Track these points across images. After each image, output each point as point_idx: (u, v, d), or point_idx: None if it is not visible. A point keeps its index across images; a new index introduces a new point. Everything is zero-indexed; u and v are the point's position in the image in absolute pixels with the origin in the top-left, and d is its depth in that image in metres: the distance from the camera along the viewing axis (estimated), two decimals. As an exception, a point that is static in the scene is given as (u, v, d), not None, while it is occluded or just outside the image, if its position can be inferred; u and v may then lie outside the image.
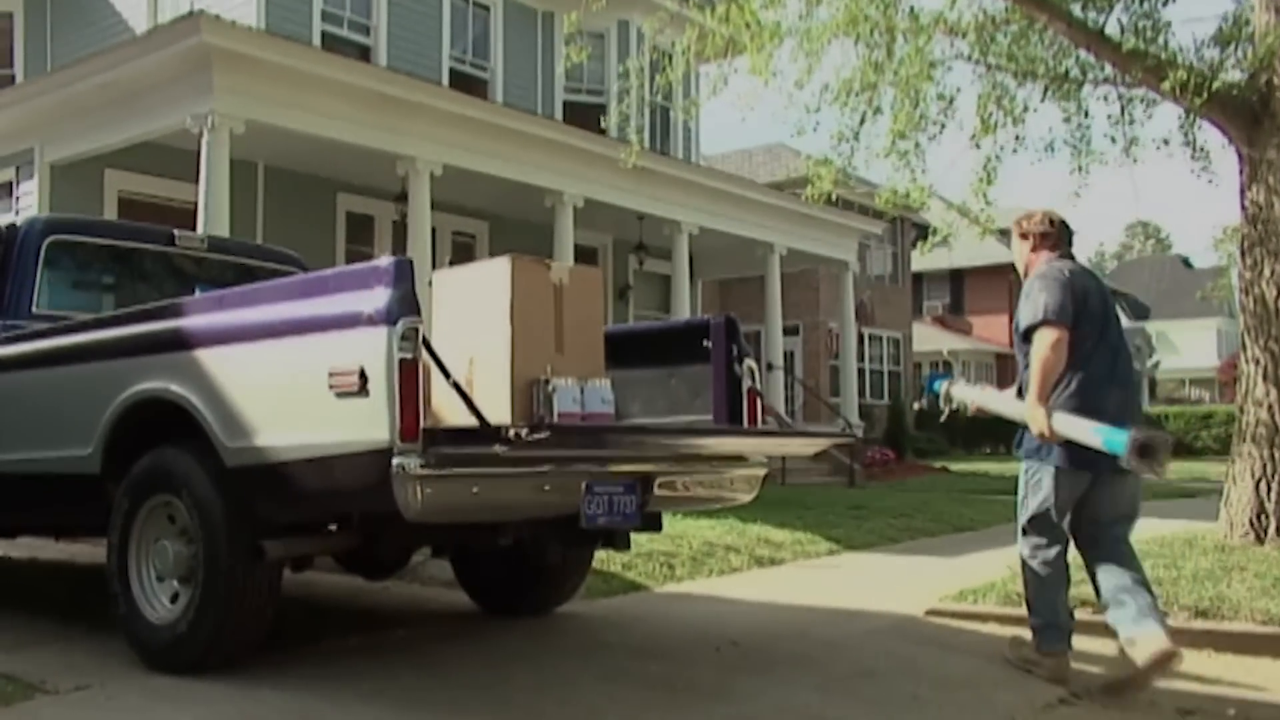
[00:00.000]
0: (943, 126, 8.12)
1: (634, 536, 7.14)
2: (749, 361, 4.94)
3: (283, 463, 3.68)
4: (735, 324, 4.98)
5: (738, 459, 4.80)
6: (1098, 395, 4.22)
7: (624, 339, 5.40)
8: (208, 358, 3.97)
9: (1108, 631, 4.25)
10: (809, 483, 14.11)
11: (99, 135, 10.74)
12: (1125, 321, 50.33)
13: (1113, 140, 8.61)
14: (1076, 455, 4.16)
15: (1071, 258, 4.60)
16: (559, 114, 16.76)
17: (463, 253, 15.61)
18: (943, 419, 5.27)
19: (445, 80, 14.98)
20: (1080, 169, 9.11)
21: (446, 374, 3.50)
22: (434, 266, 14.97)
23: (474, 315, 4.42)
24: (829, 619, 5.44)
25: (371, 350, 3.45)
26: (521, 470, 3.71)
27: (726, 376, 4.91)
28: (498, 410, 4.29)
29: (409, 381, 3.44)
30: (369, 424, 3.44)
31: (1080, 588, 4.53)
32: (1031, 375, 4.26)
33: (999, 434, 30.79)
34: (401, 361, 3.43)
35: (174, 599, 4.11)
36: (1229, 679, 4.38)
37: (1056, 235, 4.62)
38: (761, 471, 4.93)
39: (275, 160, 12.71)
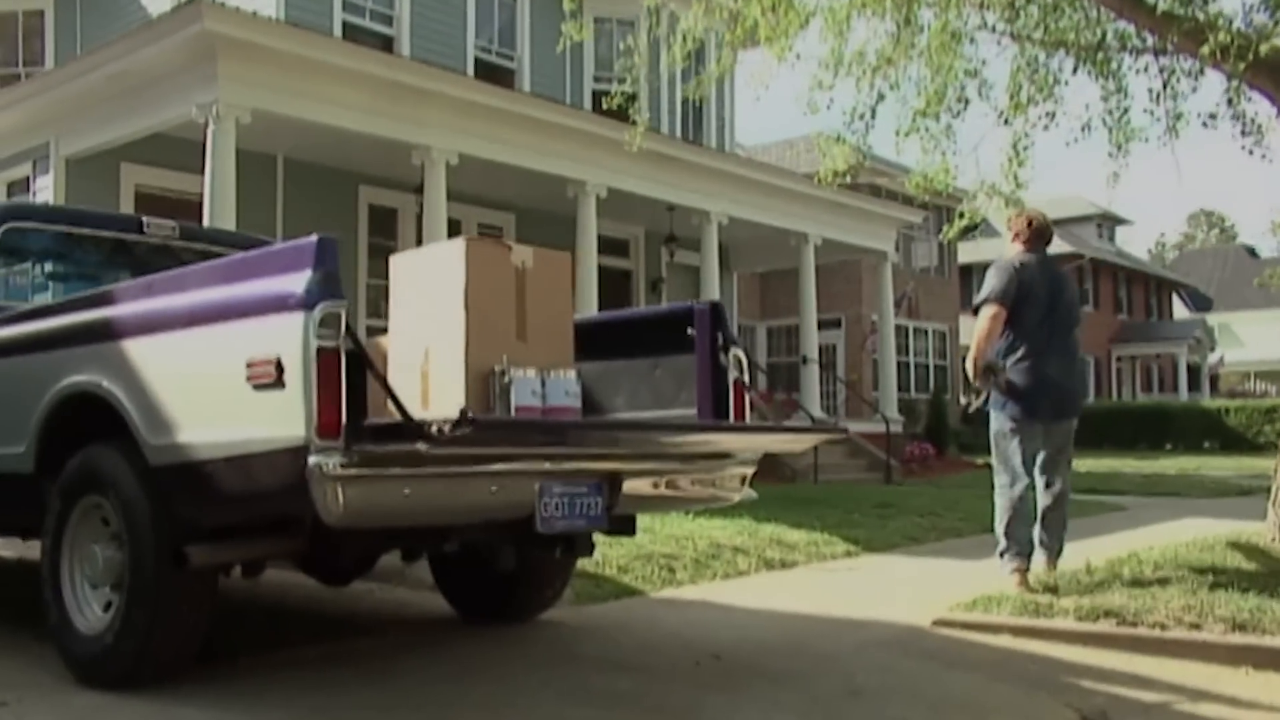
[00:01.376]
0: (966, 103, 7.65)
1: (636, 538, 6.85)
2: (735, 351, 4.56)
3: (202, 461, 3.38)
4: (720, 310, 4.61)
5: (721, 456, 4.43)
6: (1039, 360, 5.50)
7: (604, 327, 5.06)
8: (134, 348, 3.69)
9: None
10: (842, 479, 13.66)
11: (111, 128, 10.60)
12: (1183, 312, 48.96)
13: (1154, 116, 8.09)
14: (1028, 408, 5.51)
15: (1042, 253, 5.75)
16: (588, 104, 16.43)
17: (490, 245, 15.40)
18: (972, 409, 6.10)
19: (470, 70, 14.73)
20: (1119, 149, 8.59)
21: (368, 364, 3.17)
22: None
23: (429, 301, 4.10)
24: (827, 629, 5.05)
25: (288, 338, 3.14)
26: (461, 470, 3.38)
27: (711, 367, 4.54)
28: (451, 404, 3.98)
29: (328, 372, 3.11)
30: (285, 419, 3.13)
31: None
32: (973, 339, 5.67)
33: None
34: (320, 350, 3.11)
35: (107, 608, 3.84)
36: (1267, 701, 3.94)
37: (1031, 234, 5.76)
38: (749, 469, 4.55)
39: (295, 152, 12.52)
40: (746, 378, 4.59)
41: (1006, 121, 7.69)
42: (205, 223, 9.54)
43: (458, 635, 4.88)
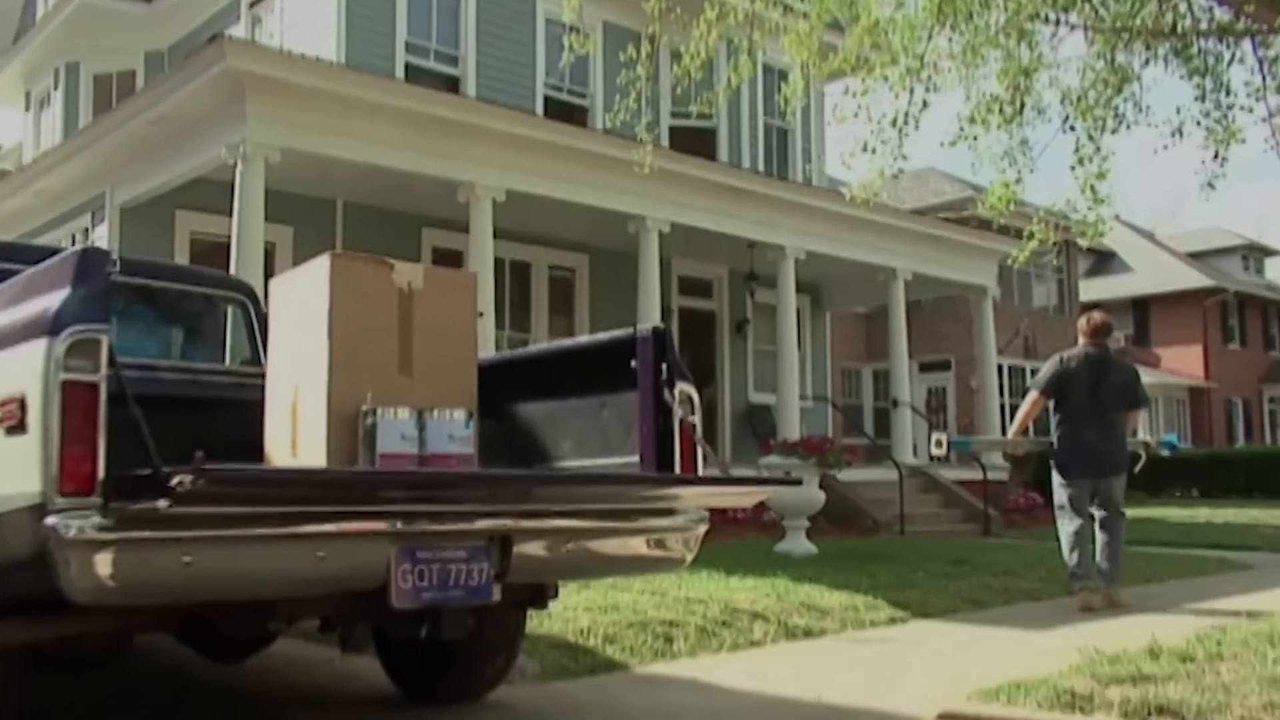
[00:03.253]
0: (1021, 105, 6.76)
1: (638, 601, 6.10)
2: (682, 386, 3.83)
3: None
4: (665, 338, 3.89)
5: (658, 512, 3.69)
6: (1078, 431, 6.99)
7: (544, 362, 4.40)
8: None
9: None
10: (933, 531, 12.59)
11: (157, 174, 10.52)
12: None
13: (1252, 113, 7.07)
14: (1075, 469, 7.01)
15: (1103, 347, 7.12)
16: (665, 139, 15.90)
17: (561, 289, 14.90)
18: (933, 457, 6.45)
19: (540, 109, 14.37)
20: (1216, 155, 7.56)
21: (126, 401, 2.56)
22: (507, 301, 14.33)
23: (299, 330, 3.51)
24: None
25: (30, 370, 2.57)
26: (266, 532, 2.73)
27: (654, 407, 3.83)
28: (316, 451, 3.36)
29: (76, 412, 2.53)
30: (24, 471, 2.55)
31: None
32: (1018, 417, 7.44)
33: (1193, 475, 27.91)
34: (66, 385, 2.53)
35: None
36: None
37: (1090, 330, 7.15)
38: (698, 528, 3.80)
39: (354, 196, 12.30)
40: (696, 418, 3.85)
41: (1071, 127, 6.77)
42: (233, 268, 9.27)
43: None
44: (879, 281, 15.37)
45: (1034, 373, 26.83)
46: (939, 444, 7.72)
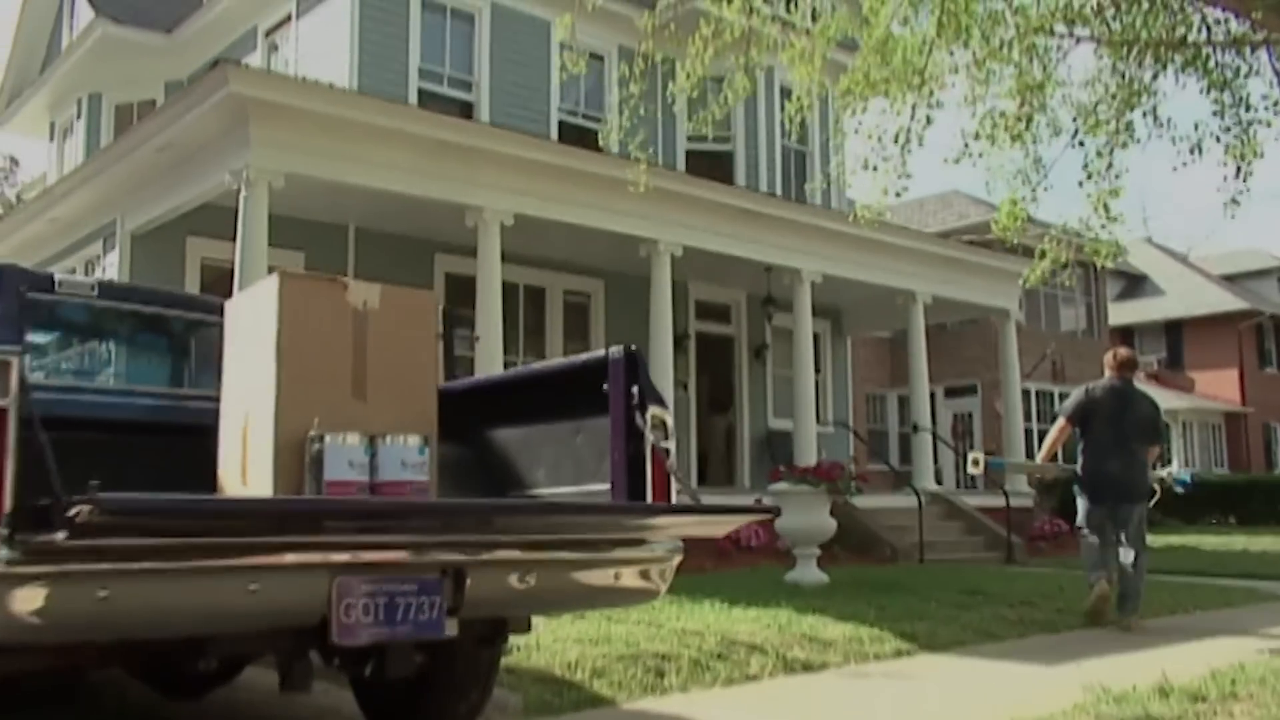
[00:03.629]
0: (1029, 120, 6.56)
1: (630, 632, 5.90)
2: (655, 411, 3.66)
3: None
4: (637, 360, 3.72)
5: (626, 542, 3.52)
6: (1102, 459, 7.32)
7: (517, 386, 4.25)
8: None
9: None
10: (954, 559, 12.30)
11: (165, 201, 10.52)
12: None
13: (1270, 127, 6.83)
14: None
15: (1127, 380, 7.49)
16: (681, 163, 15.80)
17: (576, 315, 14.77)
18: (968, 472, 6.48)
19: (554, 134, 14.30)
20: (1239, 172, 7.33)
21: (32, 425, 2.43)
22: (521, 327, 14.21)
23: (249, 353, 3.38)
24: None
25: (-65, 394, 2.44)
26: (187, 565, 2.59)
27: (626, 432, 3.66)
28: (264, 480, 3.22)
29: (-19, 438, 2.40)
30: (-73, 500, 2.42)
31: None
32: (1046, 444, 7.91)
33: (1230, 502, 27.29)
34: (-29, 410, 2.40)
35: None
36: None
37: (1116, 364, 7.48)
38: (671, 558, 3.62)
39: (367, 222, 12.27)
40: (670, 444, 3.68)
41: (1080, 143, 6.57)
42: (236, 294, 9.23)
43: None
44: (899, 305, 15.13)
45: (1062, 397, 26.23)
46: (975, 462, 8.33)
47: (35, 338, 4.51)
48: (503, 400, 4.25)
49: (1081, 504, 7.51)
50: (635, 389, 3.68)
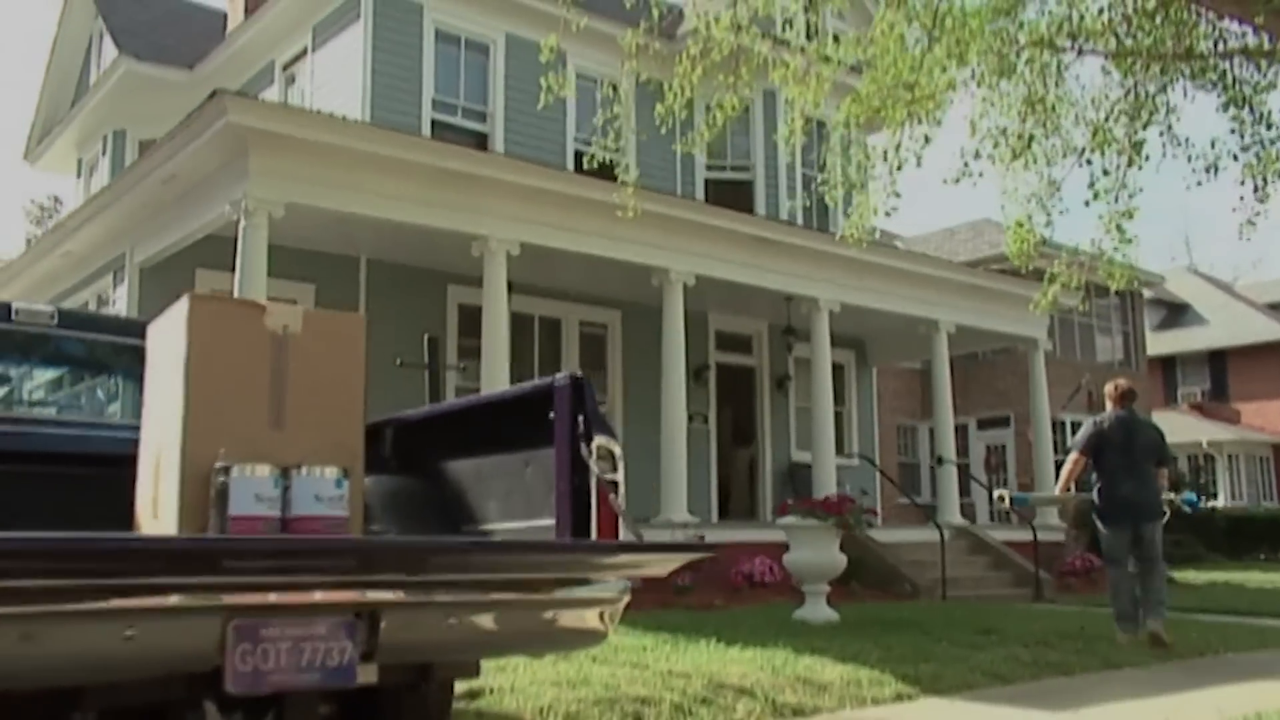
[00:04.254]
0: (1031, 139, 6.29)
1: (611, 674, 5.65)
2: (601, 441, 3.44)
3: None
4: (583, 387, 3.51)
5: (566, 582, 3.29)
6: (1115, 484, 7.82)
7: (461, 416, 4.04)
8: None
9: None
10: (978, 595, 11.89)
11: (172, 232, 10.49)
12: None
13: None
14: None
15: (1130, 409, 7.99)
16: (700, 192, 15.64)
17: (593, 346, 14.59)
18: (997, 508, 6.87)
19: (570, 165, 14.19)
20: (1257, 190, 7.02)
21: None
22: (536, 359, 14.04)
23: (162, 381, 3.21)
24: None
25: None
26: (44, 610, 2.38)
27: (571, 463, 3.44)
28: (168, 516, 3.03)
29: None
30: None
31: None
32: (1062, 475, 8.29)
33: (1278, 537, 26.51)
34: None
35: None
36: None
37: (1117, 396, 7.98)
38: (617, 599, 3.38)
39: (378, 253, 12.19)
40: (618, 475, 3.46)
41: (1088, 161, 6.29)
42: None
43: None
44: (922, 334, 14.80)
45: None
46: (1001, 499, 8.70)
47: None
48: (457, 430, 4.05)
49: (1102, 530, 8.01)
50: (581, 417, 3.46)
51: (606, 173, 14.12)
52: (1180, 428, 30.58)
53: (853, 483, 15.78)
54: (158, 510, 3.13)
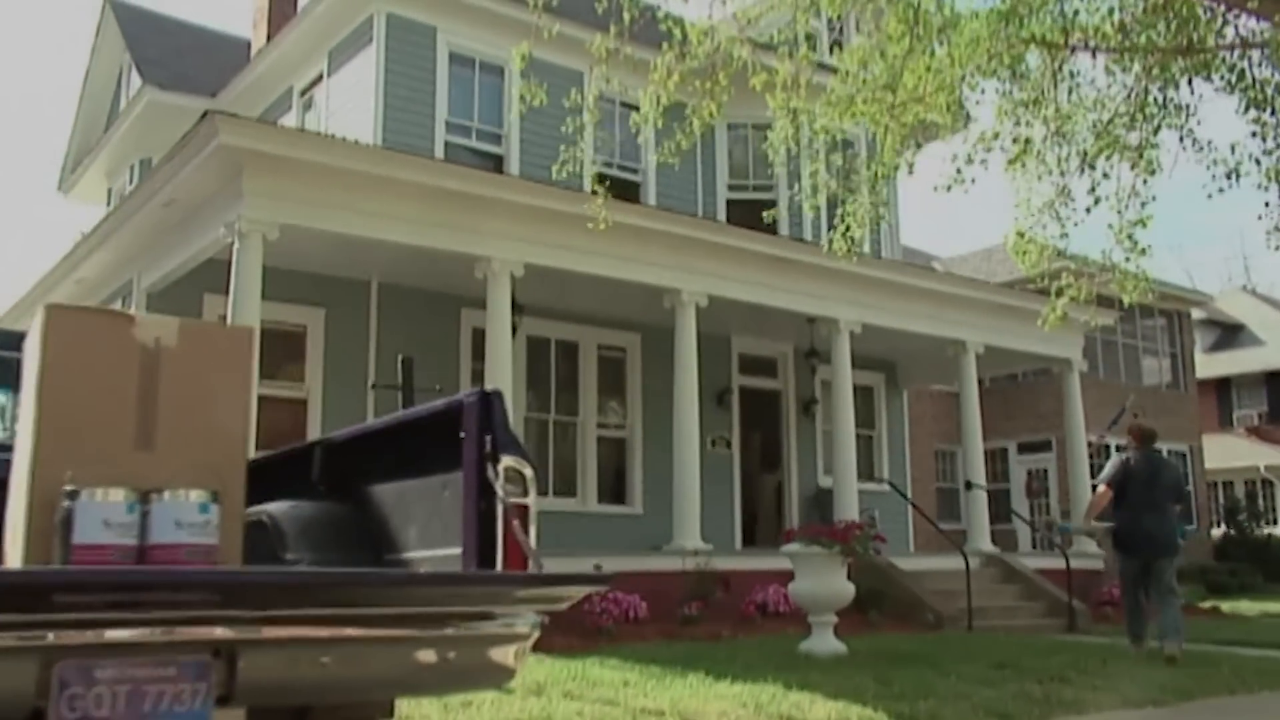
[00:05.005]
0: (1027, 142, 5.93)
1: (576, 705, 5.34)
2: (509, 461, 3.16)
3: None
4: (492, 403, 3.23)
5: (467, 616, 3.00)
6: (1136, 517, 8.38)
7: (380, 437, 3.78)
8: None
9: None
10: (1007, 625, 11.38)
11: (174, 256, 10.42)
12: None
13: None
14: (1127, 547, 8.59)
15: (1152, 449, 8.77)
16: (722, 213, 15.34)
17: (612, 370, 14.32)
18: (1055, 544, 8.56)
19: (587, 185, 13.97)
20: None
21: None
22: (553, 383, 13.79)
23: (27, 399, 2.98)
24: None
25: None
26: None
27: (478, 487, 3.17)
28: (16, 544, 2.80)
29: None
30: None
31: None
32: (1090, 507, 9.03)
33: (1341, 566, 25.50)
34: None
35: None
36: None
37: (1139, 437, 8.73)
38: (520, 635, 3.08)
39: (389, 277, 12.05)
40: (529, 499, 3.18)
41: (1091, 166, 5.92)
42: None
43: None
44: (949, 356, 14.36)
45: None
46: (1049, 526, 9.55)
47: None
48: (379, 452, 3.80)
49: (1120, 557, 8.75)
50: (489, 437, 3.19)
51: (622, 193, 13.94)
52: (1236, 452, 29.60)
53: (882, 509, 15.32)
54: (14, 538, 2.90)
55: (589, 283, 11.49)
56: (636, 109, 14.96)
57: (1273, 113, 6.70)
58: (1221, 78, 6.35)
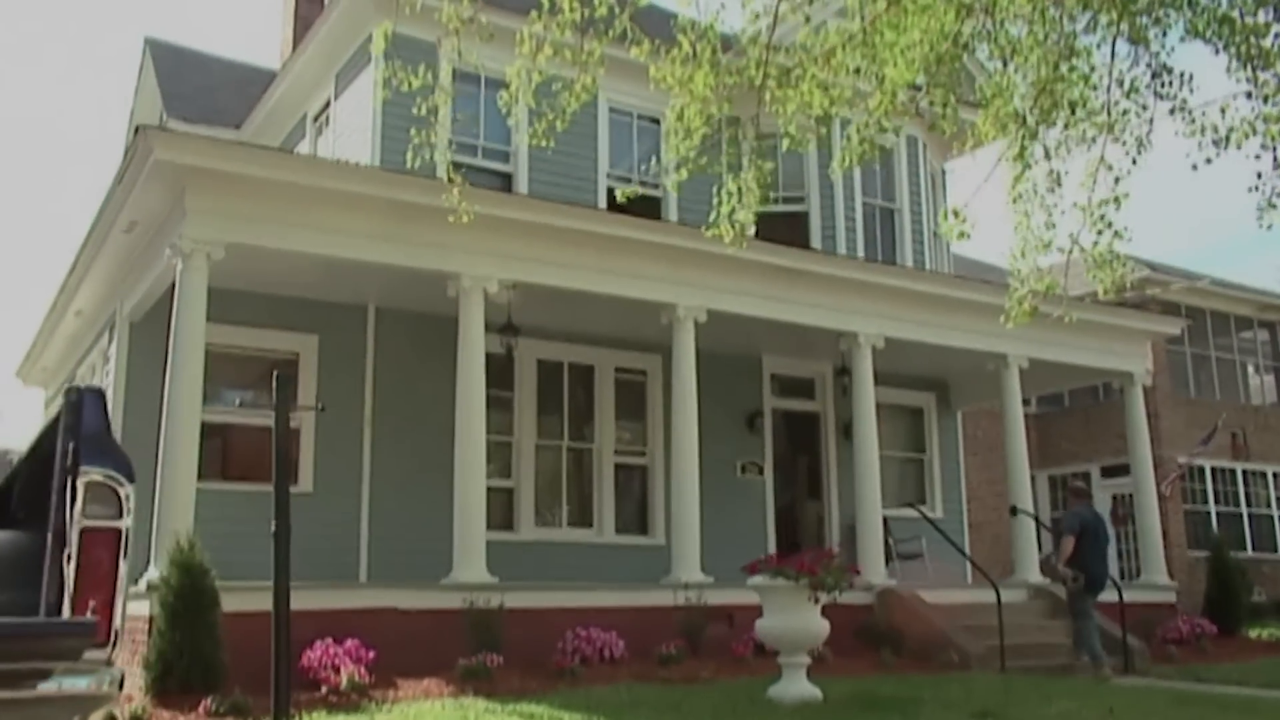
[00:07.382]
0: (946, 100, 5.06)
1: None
2: (94, 474, 2.53)
3: None
4: (82, 404, 2.61)
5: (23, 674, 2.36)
6: (1096, 561, 10.81)
7: (34, 460, 3.18)
8: None
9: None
10: (1047, 666, 10.23)
11: (143, 282, 10.12)
12: None
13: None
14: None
15: (1088, 502, 11.92)
16: (749, 226, 14.52)
17: (631, 393, 13.61)
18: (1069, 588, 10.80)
19: (602, 203, 13.38)
20: (1277, 163, 5.60)
21: None
22: (566, 409, 13.12)
23: None
24: None
25: None
26: None
27: (59, 507, 2.54)
28: None
29: None
30: None
31: None
32: (1060, 553, 10.90)
33: None
34: None
35: None
36: None
37: (1078, 495, 11.62)
38: (99, 689, 2.43)
39: (388, 301, 11.63)
40: (123, 522, 2.53)
41: (1023, 121, 5.01)
42: (169, 373, 8.58)
43: None
44: (990, 371, 13.28)
45: (1248, 475, 22.58)
46: (1045, 562, 12.59)
47: None
48: (40, 477, 3.20)
49: (1081, 594, 10.59)
50: (72, 445, 2.56)
51: (639, 208, 13.27)
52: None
53: (930, 537, 14.25)
54: None
55: (586, 301, 10.87)
56: (656, 120, 14.37)
57: (1275, 75, 5.71)
58: (1217, 35, 5.41)
